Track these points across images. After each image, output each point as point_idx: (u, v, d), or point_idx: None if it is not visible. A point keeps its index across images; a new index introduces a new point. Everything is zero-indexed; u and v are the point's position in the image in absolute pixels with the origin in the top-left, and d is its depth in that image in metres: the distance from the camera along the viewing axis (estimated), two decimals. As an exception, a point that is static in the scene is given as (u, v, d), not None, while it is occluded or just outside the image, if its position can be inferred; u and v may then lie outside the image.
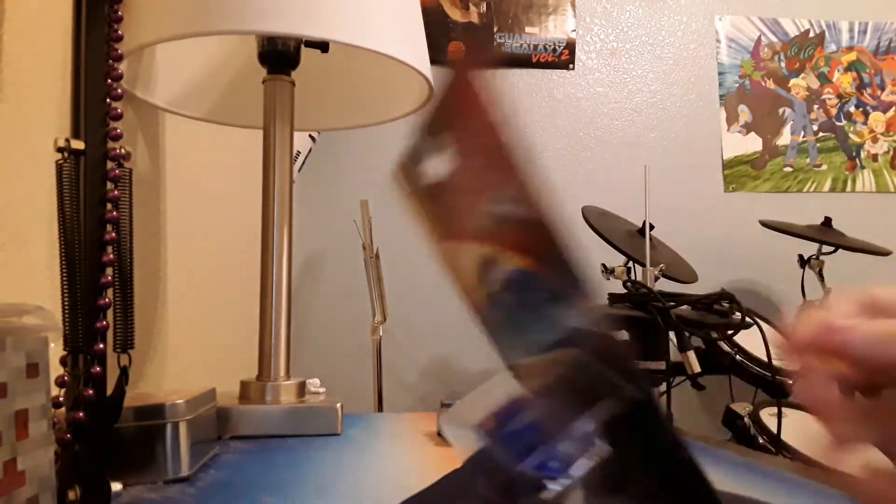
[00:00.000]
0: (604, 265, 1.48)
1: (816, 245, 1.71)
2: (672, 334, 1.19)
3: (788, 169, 2.05)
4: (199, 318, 1.00)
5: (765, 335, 1.32)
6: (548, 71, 2.04)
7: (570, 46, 2.03)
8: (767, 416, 1.45)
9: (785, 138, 2.06)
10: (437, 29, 1.91)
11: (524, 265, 0.24)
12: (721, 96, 2.05)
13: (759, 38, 2.09)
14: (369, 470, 0.53)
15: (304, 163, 1.68)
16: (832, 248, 1.68)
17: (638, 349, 1.17)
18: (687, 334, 1.19)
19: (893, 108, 2.12)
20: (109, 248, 0.44)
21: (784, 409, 1.33)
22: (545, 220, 0.22)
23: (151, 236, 0.82)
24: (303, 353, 1.79)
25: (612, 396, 0.23)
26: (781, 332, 0.26)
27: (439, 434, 0.65)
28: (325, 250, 1.84)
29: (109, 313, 0.44)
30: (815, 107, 2.09)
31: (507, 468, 0.24)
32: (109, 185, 0.45)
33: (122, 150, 0.46)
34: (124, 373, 0.44)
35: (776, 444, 1.31)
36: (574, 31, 2.04)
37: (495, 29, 2.02)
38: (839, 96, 2.10)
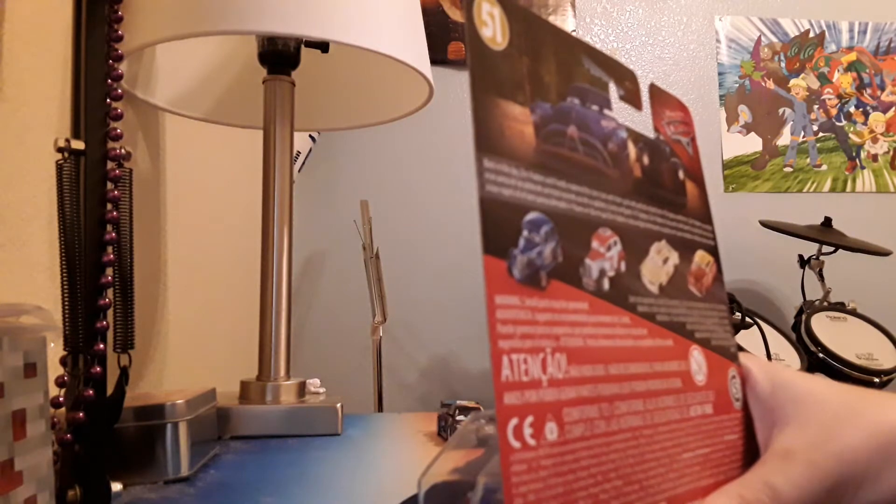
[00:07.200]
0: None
1: (816, 245, 1.71)
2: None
3: (788, 169, 2.05)
4: (199, 318, 1.00)
5: (765, 335, 1.32)
6: (548, 71, 2.03)
7: (571, 46, 2.03)
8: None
9: (785, 138, 2.06)
10: (438, 29, 1.91)
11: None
12: (721, 96, 2.05)
13: (759, 38, 2.09)
14: (369, 470, 0.53)
15: (304, 163, 1.68)
16: (832, 249, 1.68)
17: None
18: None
19: (893, 109, 2.12)
20: (109, 249, 0.44)
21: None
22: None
23: (151, 236, 0.82)
24: (303, 353, 1.79)
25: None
26: None
27: (439, 434, 0.65)
28: (325, 250, 1.84)
29: (109, 313, 0.44)
30: (815, 107, 2.09)
31: None
32: (109, 186, 0.45)
33: (123, 151, 0.46)
34: (124, 373, 0.44)
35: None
36: (574, 31, 2.04)
37: (495, 29, 2.01)
38: (839, 96, 2.10)
